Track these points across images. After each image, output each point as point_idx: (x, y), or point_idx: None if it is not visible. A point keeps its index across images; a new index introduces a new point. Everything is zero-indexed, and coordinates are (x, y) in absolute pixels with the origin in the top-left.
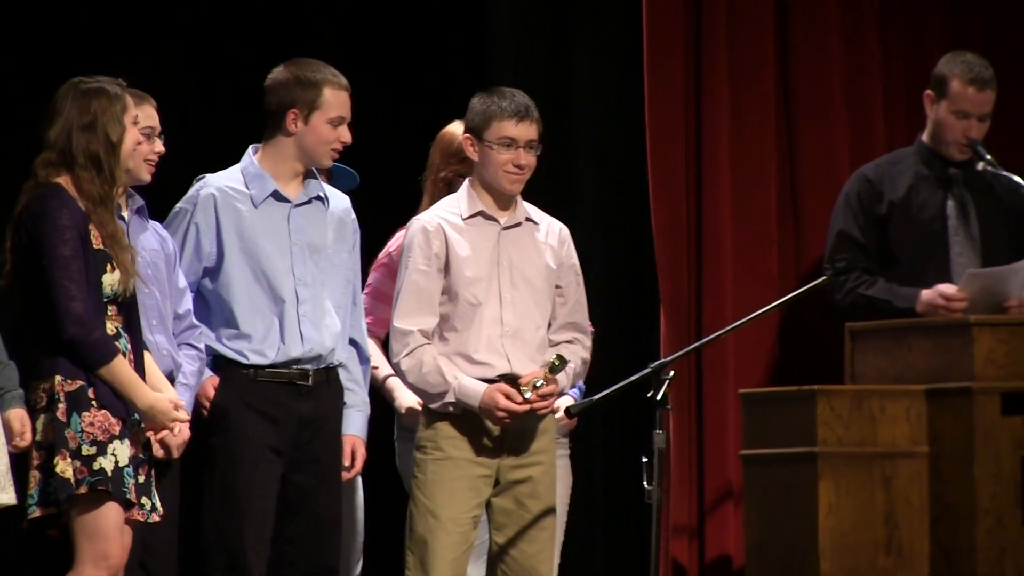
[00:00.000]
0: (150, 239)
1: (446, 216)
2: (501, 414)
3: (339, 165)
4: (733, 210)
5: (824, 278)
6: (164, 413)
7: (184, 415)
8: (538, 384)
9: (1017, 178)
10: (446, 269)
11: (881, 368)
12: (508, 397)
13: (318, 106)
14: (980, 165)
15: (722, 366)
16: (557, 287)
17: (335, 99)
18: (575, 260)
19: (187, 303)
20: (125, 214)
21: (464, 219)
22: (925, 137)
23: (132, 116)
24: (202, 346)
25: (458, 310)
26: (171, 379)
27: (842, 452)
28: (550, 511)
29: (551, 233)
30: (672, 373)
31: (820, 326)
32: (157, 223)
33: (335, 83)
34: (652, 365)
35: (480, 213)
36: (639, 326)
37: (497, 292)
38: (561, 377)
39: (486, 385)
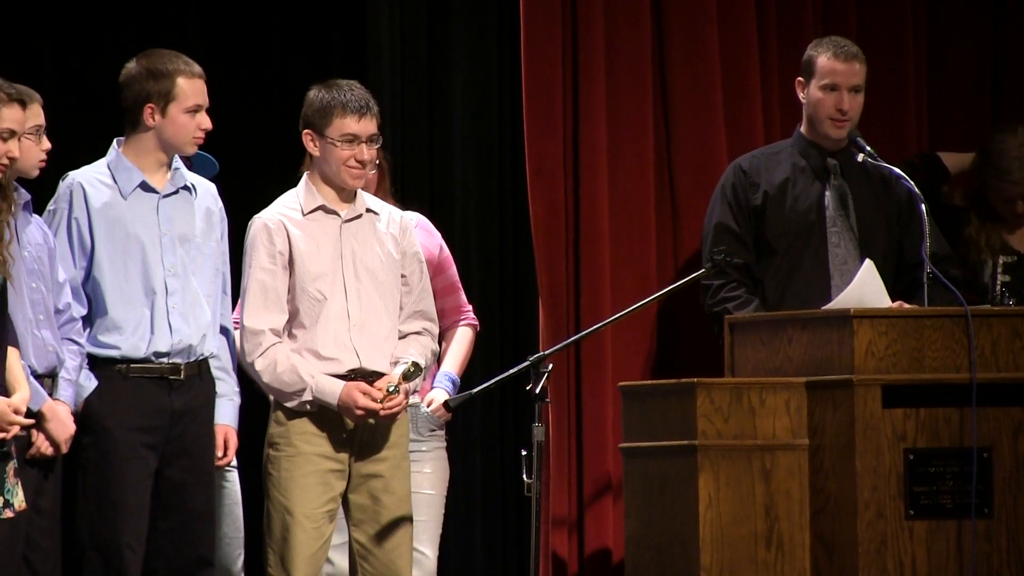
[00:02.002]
0: (35, 233)
1: (286, 212)
2: (360, 412)
3: (200, 152)
4: (611, 202)
5: (703, 270)
6: (0, 415)
7: (23, 419)
8: (392, 389)
9: (896, 169)
10: (290, 265)
11: (760, 360)
12: (367, 395)
13: (173, 97)
14: (860, 157)
15: (601, 359)
16: (402, 276)
17: (190, 88)
18: (418, 248)
19: (66, 296)
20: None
21: (305, 214)
22: (803, 128)
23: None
24: (82, 340)
25: (304, 306)
26: (55, 375)
27: (722, 445)
28: (405, 505)
29: (392, 223)
30: (551, 366)
31: (699, 318)
32: (39, 217)
33: (188, 72)
34: (531, 358)
35: (321, 207)
36: (517, 319)
37: (342, 286)
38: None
39: (343, 383)
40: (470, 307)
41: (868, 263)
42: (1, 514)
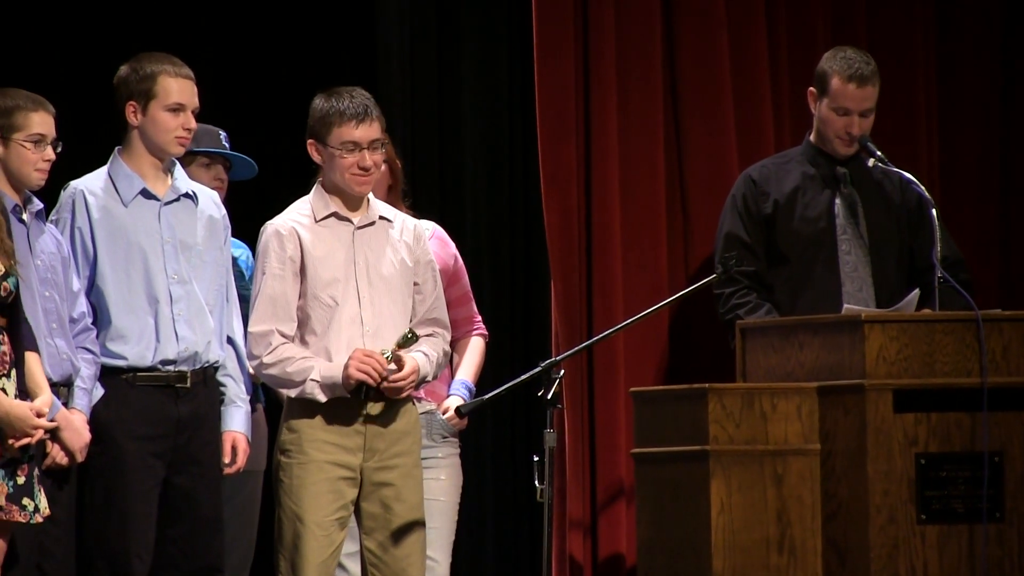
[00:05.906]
0: (48, 242)
1: (298, 219)
2: (356, 365)
3: (239, 155)
4: (623, 208)
5: (714, 276)
6: (21, 420)
7: (46, 423)
8: (387, 355)
9: (907, 174)
10: (302, 272)
11: (772, 366)
12: (370, 356)
13: (153, 95)
14: (871, 162)
15: (613, 364)
16: (415, 284)
17: (172, 86)
18: (431, 256)
19: (80, 306)
20: (25, 217)
21: (317, 220)
22: (812, 136)
23: None
24: (96, 349)
25: (316, 312)
26: (70, 384)
27: (733, 450)
28: (417, 514)
29: (406, 230)
30: (563, 372)
31: (710, 324)
32: (52, 226)
33: (172, 71)
34: (543, 364)
35: (333, 214)
36: (530, 325)
37: (355, 292)
38: (425, 364)
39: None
40: (480, 317)
41: (915, 293)
42: (32, 519)
